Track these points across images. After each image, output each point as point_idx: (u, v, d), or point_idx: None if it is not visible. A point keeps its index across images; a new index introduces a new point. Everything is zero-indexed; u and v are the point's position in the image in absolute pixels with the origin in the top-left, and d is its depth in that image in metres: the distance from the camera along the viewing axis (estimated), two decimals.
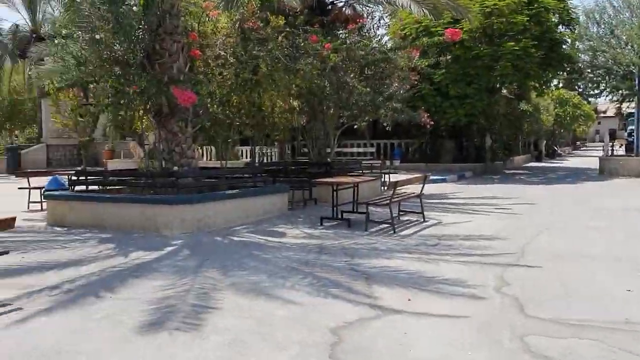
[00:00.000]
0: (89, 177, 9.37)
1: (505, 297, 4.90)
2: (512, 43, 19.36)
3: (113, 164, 22.14)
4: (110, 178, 9.31)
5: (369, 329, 4.11)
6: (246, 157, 22.24)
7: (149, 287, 5.31)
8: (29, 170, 22.53)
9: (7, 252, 5.01)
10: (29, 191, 11.11)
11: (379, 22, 18.00)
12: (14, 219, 4.85)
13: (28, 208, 11.02)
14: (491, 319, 4.31)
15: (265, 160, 18.15)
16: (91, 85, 9.53)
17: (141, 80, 8.88)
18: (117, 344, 3.83)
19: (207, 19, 10.75)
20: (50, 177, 10.50)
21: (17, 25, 25.55)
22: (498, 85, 22.14)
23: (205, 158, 22.45)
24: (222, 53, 10.58)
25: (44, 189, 10.35)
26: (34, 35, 23.37)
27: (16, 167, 22.87)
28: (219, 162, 18.61)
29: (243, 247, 7.36)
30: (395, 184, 8.67)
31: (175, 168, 8.90)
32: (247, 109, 10.72)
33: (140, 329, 4.11)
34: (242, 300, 4.82)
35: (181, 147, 9.51)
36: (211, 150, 21.40)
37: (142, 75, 9.05)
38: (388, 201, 8.61)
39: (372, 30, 16.23)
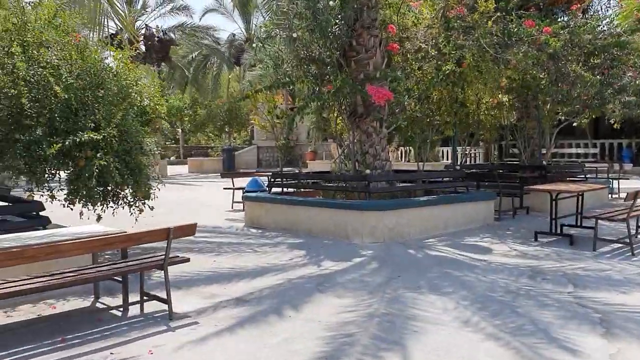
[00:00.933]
0: (284, 180, 9.37)
1: None
2: None
3: (314, 166, 22.88)
4: (303, 181, 9.18)
5: None
6: (447, 159, 21.12)
7: (331, 306, 4.80)
8: (235, 171, 24.68)
9: (187, 260, 4.89)
10: (233, 191, 11.67)
11: (608, 2, 15.49)
12: (193, 226, 4.69)
13: (232, 207, 11.58)
14: None
15: (468, 162, 16.85)
16: (291, 87, 9.51)
17: (336, 79, 8.55)
18: None
19: (407, 9, 10.08)
20: (250, 179, 10.90)
21: (233, 35, 28.18)
22: None
23: (402, 159, 21.90)
24: (423, 45, 9.80)
25: (244, 190, 10.75)
26: (248, 43, 25.38)
27: (231, 167, 25.03)
28: (417, 164, 17.99)
29: (438, 263, 6.50)
30: (636, 195, 6.97)
31: (368, 171, 8.39)
32: (448, 106, 9.79)
33: None
34: (433, 339, 3.99)
35: (375, 149, 8.99)
36: (409, 151, 20.75)
37: (337, 74, 8.74)
38: (626, 215, 6.95)
39: (600, 11, 13.97)
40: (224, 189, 12.01)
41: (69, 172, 5.82)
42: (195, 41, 25.24)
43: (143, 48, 24.33)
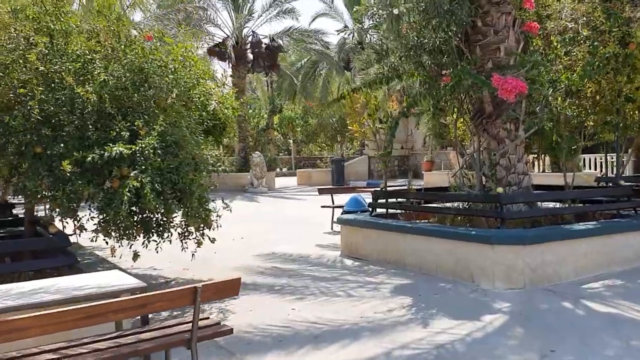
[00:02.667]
0: (389, 198, 7.64)
1: None
2: None
3: (430, 178, 20.77)
4: (413, 201, 7.37)
5: None
6: (590, 168, 18.00)
7: None
8: (345, 183, 23.22)
9: (228, 332, 3.34)
10: (332, 210, 10.13)
11: None
12: (235, 283, 3.14)
13: (331, 229, 10.02)
14: None
15: (622, 173, 13.86)
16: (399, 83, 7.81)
17: (456, 70, 6.69)
18: None
19: None
20: (350, 196, 9.25)
21: (344, 38, 26.89)
22: None
23: (536, 169, 19.12)
24: (571, 25, 7.60)
25: (343, 211, 9.17)
26: (359, 46, 23.98)
27: (340, 179, 23.65)
28: (564, 177, 15.15)
29: (612, 325, 4.44)
30: None
31: (500, 189, 6.39)
32: (608, 101, 7.47)
33: None
34: None
35: (508, 159, 6.96)
36: (542, 159, 17.92)
37: (457, 64, 6.89)
38: None
39: None
40: (322, 207, 10.51)
41: (101, 196, 4.56)
42: (304, 46, 24.25)
43: (250, 56, 23.82)
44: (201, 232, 5.26)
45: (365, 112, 7.48)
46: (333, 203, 10.39)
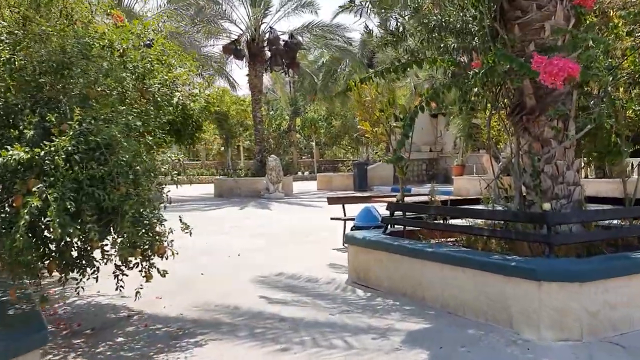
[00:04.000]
0: (407, 211, 6.33)
1: None
2: None
3: (461, 184, 19.29)
4: (436, 216, 6.03)
5: None
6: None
7: None
8: (368, 188, 21.84)
9: None
10: (344, 223, 8.85)
11: None
12: None
13: (343, 244, 8.72)
14: None
15: None
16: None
17: (488, 54, 5.37)
18: None
19: None
20: (362, 208, 7.92)
21: (367, 33, 25.53)
22: None
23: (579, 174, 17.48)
24: None
25: (352, 225, 7.89)
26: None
27: (363, 184, 22.33)
28: (601, 182, 13.60)
29: None
30: None
31: (547, 205, 5.03)
32: None
33: None
34: None
35: (555, 166, 5.58)
36: (590, 163, 16.26)
37: (490, 46, 5.58)
38: None
39: None
40: (332, 219, 9.22)
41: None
42: (325, 43, 23.02)
43: (268, 54, 22.70)
44: (148, 261, 4.02)
45: (376, 107, 6.20)
46: (345, 215, 9.11)
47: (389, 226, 6.41)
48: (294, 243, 9.62)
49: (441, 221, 6.18)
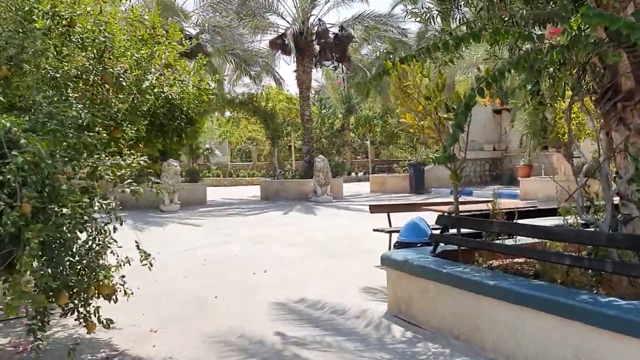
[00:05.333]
0: (462, 227, 5.04)
1: None
2: None
3: (529, 186, 17.55)
4: (499, 233, 4.72)
5: None
6: None
7: None
8: (425, 190, 20.29)
9: None
10: (390, 236, 7.61)
11: None
12: None
13: None
14: None
15: None
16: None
17: (573, 18, 4.07)
18: None
19: None
20: (409, 220, 6.60)
21: (426, 26, 24.01)
22: None
23: None
24: None
25: (395, 242, 6.65)
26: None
27: (419, 186, 20.90)
28: None
29: None
30: None
31: None
32: None
33: None
34: None
35: None
36: None
37: (572, 12, 4.25)
38: None
39: None
40: (375, 230, 7.98)
41: None
42: (377, 34, 21.70)
43: (317, 48, 21.61)
44: (85, 306, 2.96)
45: (421, 93, 4.94)
46: (390, 225, 7.88)
47: (438, 245, 5.15)
48: (332, 256, 8.46)
49: (506, 237, 4.88)
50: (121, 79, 3.41)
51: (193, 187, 18.43)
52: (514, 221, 5.34)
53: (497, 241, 4.98)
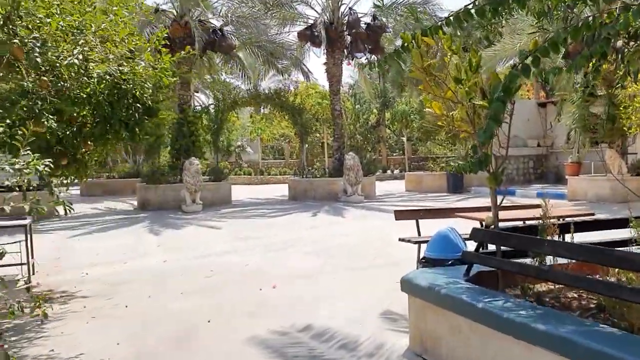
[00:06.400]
0: (502, 245, 4.01)
1: None
2: None
3: (577, 184, 16.15)
4: (549, 255, 3.67)
5: None
6: None
7: None
8: (464, 189, 18.98)
9: None
10: (419, 247, 6.58)
11: None
12: None
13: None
14: None
15: None
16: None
17: None
18: None
19: None
20: (440, 231, 5.49)
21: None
22: None
23: None
24: None
25: (422, 257, 5.61)
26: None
27: (458, 186, 19.67)
28: None
29: None
30: None
31: None
32: None
33: None
34: None
35: None
36: None
37: None
38: None
39: None
40: (400, 240, 6.95)
41: None
42: (412, 22, 20.50)
43: (348, 39, 20.58)
44: None
45: (449, 73, 3.92)
46: (419, 234, 6.85)
47: (472, 267, 4.13)
48: (354, 267, 7.49)
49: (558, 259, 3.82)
50: (36, 55, 2.55)
51: (217, 187, 17.70)
52: (570, 234, 4.28)
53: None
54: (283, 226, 12.30)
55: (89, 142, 3.23)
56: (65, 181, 4.51)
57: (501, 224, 4.49)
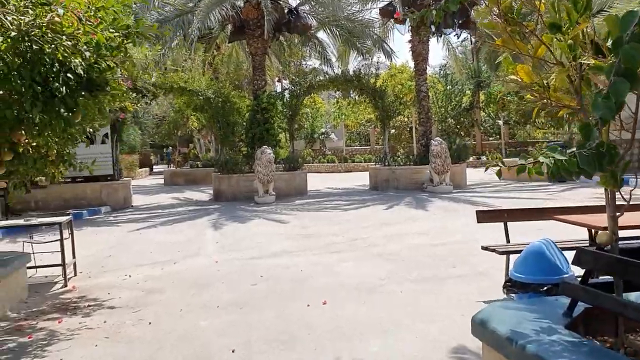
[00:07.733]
0: (626, 275, 2.68)
1: None
2: None
3: None
4: None
5: None
6: None
7: None
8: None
9: None
10: (507, 258, 5.23)
11: None
12: None
13: (507, 294, 5.10)
14: None
15: None
16: None
17: None
18: None
19: None
20: (534, 244, 4.06)
21: None
22: None
23: None
24: None
25: (505, 281, 4.29)
26: None
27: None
28: None
29: None
30: None
31: None
32: None
33: None
34: None
35: None
36: None
37: None
38: None
39: None
40: (483, 249, 5.60)
41: None
42: None
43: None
44: None
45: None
46: (508, 240, 5.49)
47: (576, 304, 2.82)
48: (425, 279, 6.23)
49: None
50: None
51: (292, 176, 16.85)
52: None
53: None
54: (355, 221, 11.17)
55: (22, 129, 2.38)
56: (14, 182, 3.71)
57: (621, 233, 3.11)
